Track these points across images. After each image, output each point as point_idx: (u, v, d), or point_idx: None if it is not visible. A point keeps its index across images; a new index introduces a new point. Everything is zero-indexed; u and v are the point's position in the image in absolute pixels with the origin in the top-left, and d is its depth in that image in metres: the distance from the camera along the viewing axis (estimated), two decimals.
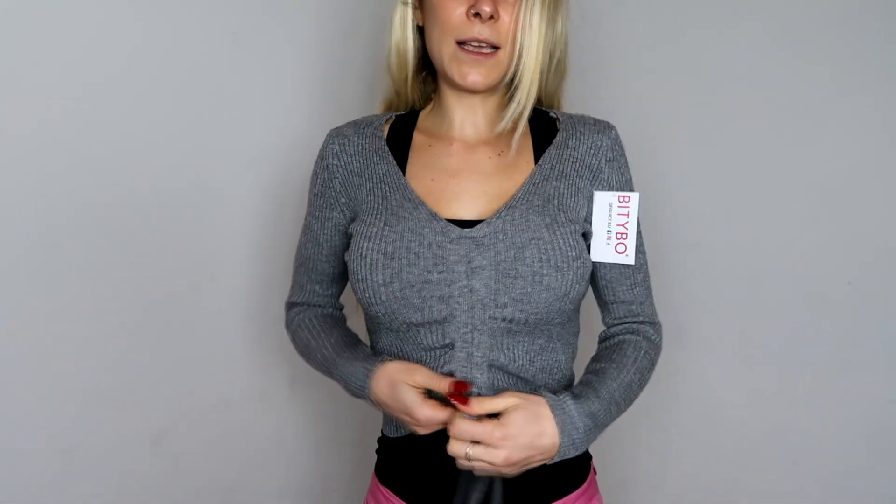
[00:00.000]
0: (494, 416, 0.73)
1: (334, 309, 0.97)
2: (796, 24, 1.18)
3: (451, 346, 0.77)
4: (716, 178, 1.25)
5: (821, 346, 1.21)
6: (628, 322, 0.88)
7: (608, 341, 0.89)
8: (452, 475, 0.78)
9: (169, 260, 1.11)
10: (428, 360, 0.79)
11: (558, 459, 0.74)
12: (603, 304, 0.89)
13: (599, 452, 0.93)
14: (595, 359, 0.87)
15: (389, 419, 0.86)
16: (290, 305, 0.97)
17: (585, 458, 0.87)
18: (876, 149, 1.15)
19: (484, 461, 0.70)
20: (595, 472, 0.90)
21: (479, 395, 0.76)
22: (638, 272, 0.87)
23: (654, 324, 0.89)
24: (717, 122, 1.24)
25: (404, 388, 0.75)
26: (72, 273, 1.01)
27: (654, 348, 0.87)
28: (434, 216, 0.78)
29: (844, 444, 1.21)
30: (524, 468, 0.73)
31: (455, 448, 0.70)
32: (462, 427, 0.70)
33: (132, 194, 1.06)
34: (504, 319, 0.76)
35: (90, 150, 1.01)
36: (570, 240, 0.77)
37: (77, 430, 1.04)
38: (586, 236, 0.82)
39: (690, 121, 1.26)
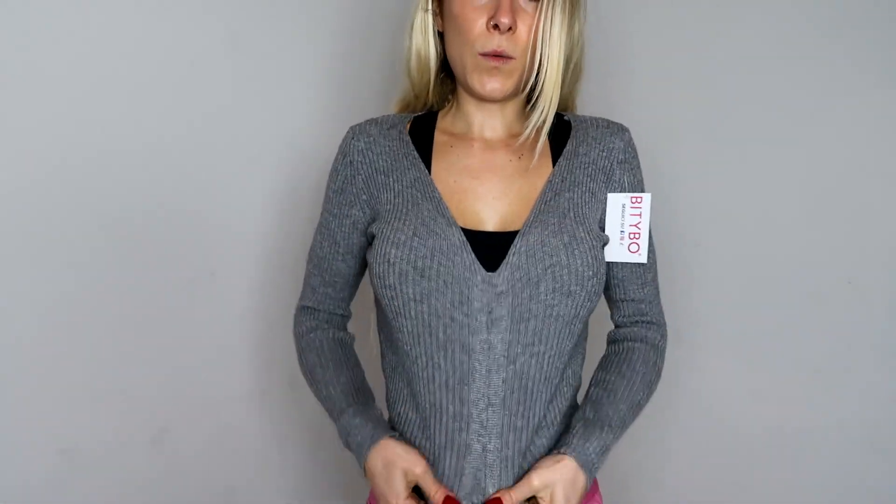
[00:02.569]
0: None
1: (343, 331, 0.96)
2: (796, 25, 1.18)
3: (469, 384, 0.77)
4: (716, 178, 1.25)
5: (821, 346, 1.21)
6: (637, 322, 0.90)
7: (617, 345, 0.90)
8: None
9: (169, 259, 1.11)
10: (444, 417, 0.79)
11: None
12: (612, 301, 0.91)
13: None
14: (603, 366, 0.89)
15: (395, 417, 0.87)
16: (302, 309, 0.96)
17: None
18: (876, 149, 1.15)
19: None
20: None
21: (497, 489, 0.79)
22: (648, 271, 0.89)
23: (661, 326, 0.92)
24: (717, 122, 1.24)
25: (398, 475, 0.78)
26: (71, 272, 1.01)
27: (661, 356, 0.91)
28: (464, 245, 0.77)
29: (844, 444, 1.21)
30: None
31: None
32: None
33: (133, 193, 1.06)
34: (516, 375, 0.77)
35: (92, 149, 1.01)
36: (588, 257, 0.77)
37: (77, 430, 1.04)
38: (605, 244, 0.83)
39: (690, 121, 1.26)
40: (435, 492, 0.77)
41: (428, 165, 0.85)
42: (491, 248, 0.78)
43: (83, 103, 0.99)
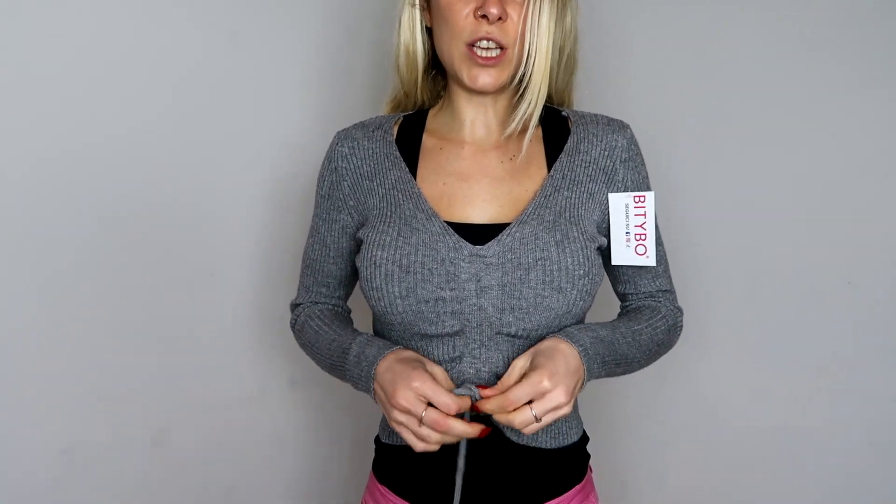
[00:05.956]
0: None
1: (342, 309, 0.96)
2: (795, 23, 1.18)
3: (460, 359, 0.78)
4: (716, 179, 1.25)
5: (821, 346, 1.21)
6: (642, 298, 0.89)
7: (627, 307, 0.90)
8: (448, 471, 0.79)
9: (169, 260, 1.11)
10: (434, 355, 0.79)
11: (588, 378, 0.74)
12: (623, 295, 0.91)
13: (599, 452, 0.94)
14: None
15: (388, 426, 0.86)
16: (295, 306, 0.95)
17: (583, 456, 0.87)
18: (876, 149, 1.15)
19: (550, 409, 0.68)
20: (592, 471, 0.91)
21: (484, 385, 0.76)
22: (659, 264, 0.88)
23: (678, 310, 0.90)
24: (718, 123, 1.24)
25: (417, 367, 0.72)
26: (71, 273, 1.01)
27: (673, 316, 0.88)
28: (446, 230, 0.78)
29: (845, 444, 1.21)
30: (577, 395, 0.73)
31: (522, 418, 0.68)
32: (510, 399, 0.68)
33: (133, 195, 1.06)
34: (508, 335, 0.77)
35: (90, 150, 1.01)
36: (580, 256, 0.77)
37: (77, 430, 1.04)
38: (601, 247, 0.82)
39: (690, 121, 1.26)
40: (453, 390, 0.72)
41: (415, 166, 0.85)
42: (480, 235, 0.78)
43: (79, 104, 0.99)
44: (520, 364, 0.72)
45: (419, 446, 0.71)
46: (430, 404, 0.69)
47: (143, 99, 1.05)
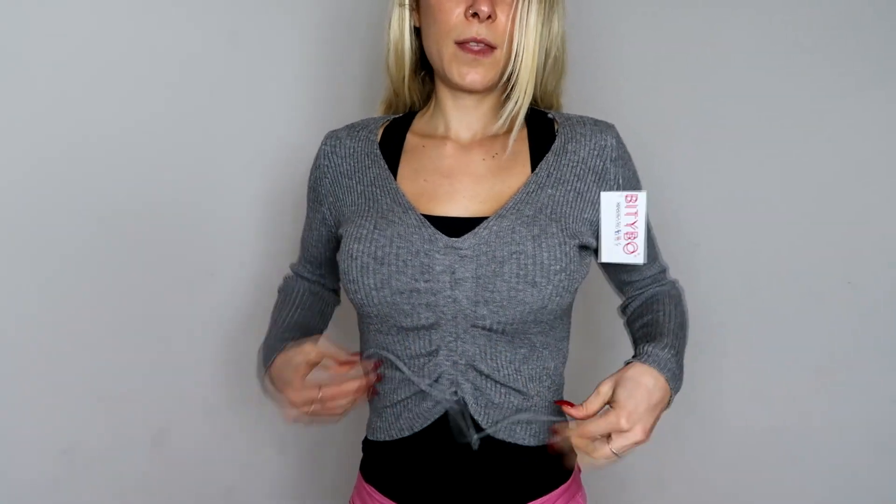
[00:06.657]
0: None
1: (325, 290, 1.01)
2: (794, 26, 1.18)
3: (436, 352, 0.78)
4: (716, 179, 1.25)
5: (821, 346, 1.21)
6: (648, 283, 0.93)
7: (635, 301, 0.93)
8: (433, 471, 0.80)
9: (168, 260, 1.11)
10: (414, 368, 0.80)
11: (674, 397, 0.78)
12: (621, 283, 0.94)
13: None
14: (636, 317, 0.92)
15: (372, 423, 0.87)
16: (293, 268, 1.02)
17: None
18: (876, 149, 1.15)
19: (627, 446, 0.72)
20: (579, 470, 0.90)
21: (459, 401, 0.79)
22: (653, 247, 0.91)
23: (674, 282, 0.95)
24: (717, 123, 1.24)
25: (294, 364, 0.81)
26: (71, 273, 1.01)
27: (677, 289, 0.94)
28: (423, 222, 0.78)
29: (845, 444, 1.21)
30: (655, 426, 0.76)
31: (600, 453, 0.72)
32: (588, 431, 0.72)
33: (132, 195, 1.06)
34: (483, 328, 0.77)
35: (90, 150, 1.01)
36: (557, 252, 0.76)
37: (77, 430, 1.04)
38: (587, 246, 0.82)
39: (690, 121, 1.26)
40: (337, 350, 0.81)
41: (396, 165, 0.85)
42: (458, 229, 0.78)
43: (80, 103, 1.00)
44: (603, 390, 0.74)
45: (336, 419, 0.82)
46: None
47: (144, 99, 1.06)
